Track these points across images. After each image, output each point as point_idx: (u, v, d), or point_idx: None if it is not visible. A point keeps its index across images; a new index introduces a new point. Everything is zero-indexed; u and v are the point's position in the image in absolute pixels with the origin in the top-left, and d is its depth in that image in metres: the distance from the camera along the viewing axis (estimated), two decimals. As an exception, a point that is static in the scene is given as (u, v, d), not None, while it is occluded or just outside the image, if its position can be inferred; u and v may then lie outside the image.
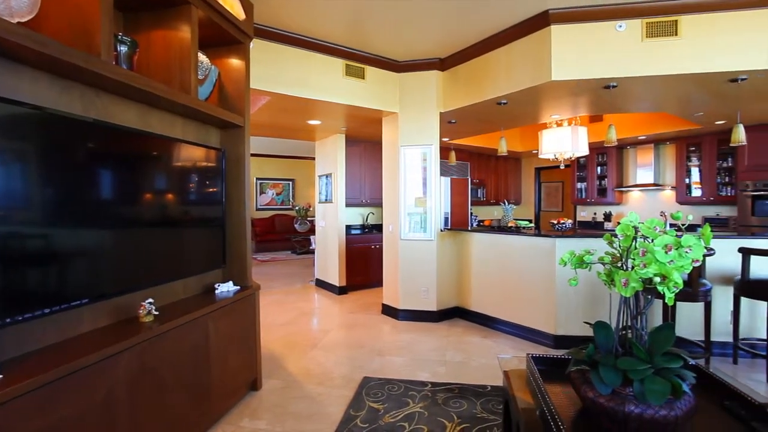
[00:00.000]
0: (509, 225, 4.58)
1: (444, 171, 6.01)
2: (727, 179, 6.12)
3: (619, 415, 1.40)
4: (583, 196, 7.89)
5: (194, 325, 2.32)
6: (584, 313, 3.76)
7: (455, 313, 4.93)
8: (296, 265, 9.33)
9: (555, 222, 4.39)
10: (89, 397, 1.66)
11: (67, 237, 1.78)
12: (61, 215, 1.75)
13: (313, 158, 7.30)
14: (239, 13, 2.76)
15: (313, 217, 7.56)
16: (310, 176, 12.15)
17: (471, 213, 6.74)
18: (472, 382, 3.10)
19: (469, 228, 5.10)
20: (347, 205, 6.48)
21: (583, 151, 4.91)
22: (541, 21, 3.53)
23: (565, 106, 4.53)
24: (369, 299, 5.89)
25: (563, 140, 4.81)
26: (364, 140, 6.61)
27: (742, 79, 3.50)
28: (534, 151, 7.68)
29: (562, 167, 5.40)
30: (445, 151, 5.81)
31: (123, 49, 2.04)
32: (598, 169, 7.62)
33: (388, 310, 5.03)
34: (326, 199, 6.67)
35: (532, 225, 4.75)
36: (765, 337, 3.19)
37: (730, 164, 6.04)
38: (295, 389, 3.05)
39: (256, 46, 3.64)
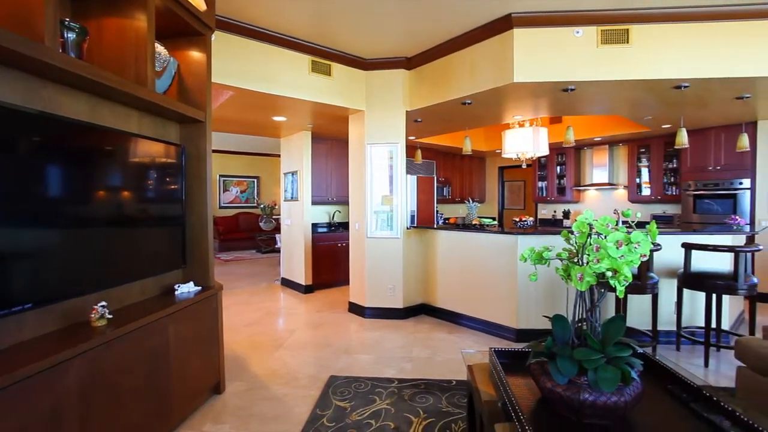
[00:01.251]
0: (473, 223, 4.69)
1: (410, 169, 6.06)
2: (672, 179, 6.55)
3: (575, 402, 1.47)
4: (544, 195, 8.20)
5: (152, 329, 2.22)
6: (545, 308, 3.91)
7: (421, 310, 5.00)
8: (261, 264, 9.14)
9: (517, 219, 4.54)
10: (34, 409, 1.56)
11: (8, 237, 1.66)
12: (1, 214, 1.63)
13: (279, 155, 7.15)
14: (200, 3, 2.66)
15: (279, 215, 7.42)
16: (275, 173, 11.92)
17: (437, 211, 6.84)
18: (437, 378, 3.16)
19: (435, 226, 5.18)
20: (313, 203, 6.41)
21: (544, 151, 5.10)
22: (504, 24, 3.63)
23: (526, 108, 4.68)
24: (336, 298, 5.86)
25: (525, 140, 4.98)
26: (331, 138, 6.56)
27: (685, 87, 3.75)
28: (497, 151, 7.89)
29: (524, 166, 5.58)
30: (411, 149, 5.86)
31: (71, 36, 1.92)
32: (558, 168, 7.94)
33: (355, 308, 5.03)
34: (292, 197, 6.57)
35: (496, 222, 4.89)
36: (703, 325, 3.45)
37: (675, 165, 6.46)
38: (260, 391, 2.99)
39: (219, 39, 3.53)
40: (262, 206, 10.57)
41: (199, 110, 2.76)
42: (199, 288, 2.79)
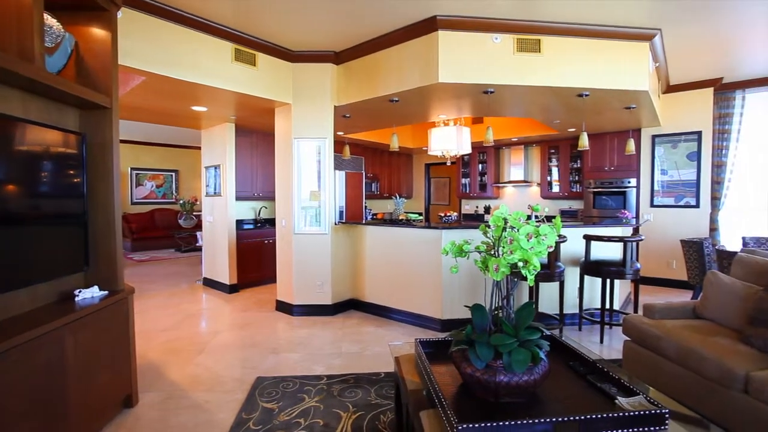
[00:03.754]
0: (400, 218, 4.81)
1: (338, 165, 6.03)
2: (577, 178, 7.29)
3: (492, 384, 1.59)
4: (467, 191, 8.66)
5: (42, 342, 1.95)
6: (467, 298, 4.14)
7: (351, 305, 5.02)
8: (181, 263, 8.51)
9: (443, 215, 4.74)
10: None
11: None
12: None
13: (200, 148, 6.69)
14: (101, -24, 2.39)
15: (200, 211, 6.94)
16: (196, 167, 11.13)
17: (366, 206, 6.91)
18: (366, 371, 3.20)
19: (364, 221, 5.22)
20: (238, 199, 6.11)
21: (467, 149, 5.38)
22: (429, 26, 3.75)
23: (450, 107, 4.90)
24: (262, 296, 5.66)
25: (449, 139, 5.20)
26: (256, 131, 6.29)
27: (586, 95, 4.19)
28: (424, 148, 8.14)
29: (448, 164, 5.84)
30: (339, 144, 5.84)
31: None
32: (480, 166, 8.43)
33: (283, 307, 4.91)
34: (215, 193, 6.20)
35: (422, 218, 5.06)
36: (599, 306, 3.91)
37: (579, 165, 7.20)
38: (179, 400, 2.80)
39: (129, 17, 3.20)
40: (181, 202, 9.80)
41: (103, 95, 2.48)
42: (106, 292, 2.52)
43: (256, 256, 6.21)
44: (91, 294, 2.45)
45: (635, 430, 1.45)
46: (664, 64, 4.91)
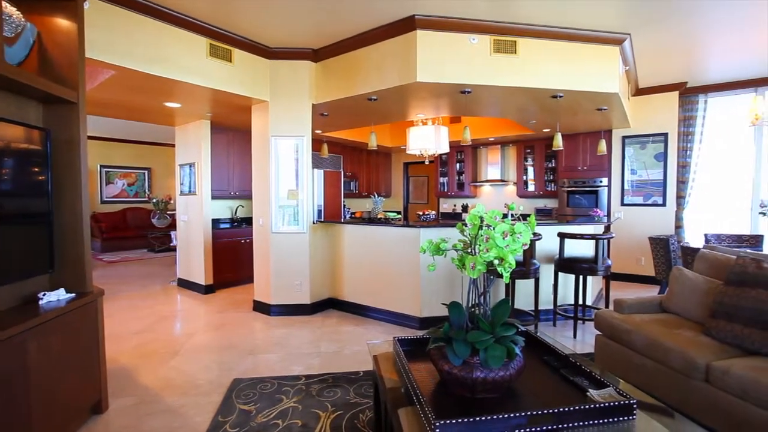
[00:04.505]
0: (379, 216, 4.81)
1: (317, 163, 5.99)
2: (551, 177, 7.47)
3: (469, 381, 1.61)
4: (445, 190, 8.74)
5: (3, 348, 1.86)
6: (445, 296, 4.19)
7: (329, 305, 4.99)
8: (155, 264, 8.27)
9: (421, 213, 4.78)
10: None
11: None
12: None
13: (174, 145, 6.50)
14: (67, -35, 2.29)
15: (174, 210, 6.76)
16: (170, 165, 10.83)
17: (344, 205, 6.89)
18: (345, 370, 3.19)
19: (342, 220, 5.20)
20: (214, 198, 5.98)
21: (445, 148, 5.43)
22: (408, 25, 3.76)
23: (429, 107, 4.93)
24: (239, 296, 5.57)
25: (428, 138, 5.24)
26: (233, 128, 6.17)
27: (560, 97, 4.30)
28: (402, 147, 8.17)
29: (427, 162, 5.88)
30: (317, 143, 5.80)
31: None
32: (457, 165, 8.52)
33: (260, 307, 4.84)
34: (189, 191, 6.05)
35: (400, 216, 5.08)
36: (573, 302, 4.02)
37: (553, 165, 7.38)
38: (152, 404, 2.72)
39: (99, 8, 3.09)
40: (154, 201, 9.53)
41: (69, 89, 2.38)
42: (72, 295, 2.43)
43: (232, 255, 6.10)
44: (56, 297, 2.35)
45: (605, 420, 1.50)
46: (633, 67, 5.08)
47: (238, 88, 4.24)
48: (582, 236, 3.97)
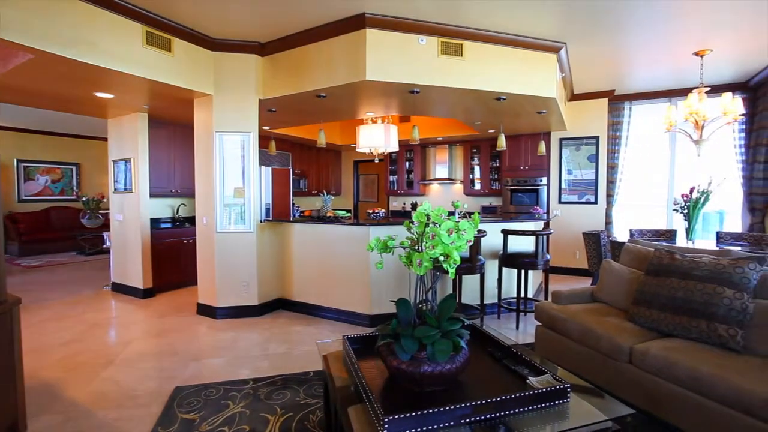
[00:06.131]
0: (328, 215, 4.77)
1: (264, 160, 5.82)
2: (496, 176, 7.80)
3: (416, 375, 1.65)
4: (395, 188, 8.85)
5: None
6: (394, 293, 4.24)
7: (278, 305, 4.88)
8: (85, 268, 7.62)
9: (371, 211, 4.79)
10: None
11: None
12: None
13: (106, 139, 6.01)
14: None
15: (108, 209, 6.25)
16: (102, 160, 10.00)
17: (293, 204, 6.75)
18: (295, 371, 3.14)
19: (291, 219, 5.10)
20: (153, 196, 5.62)
21: (394, 147, 5.49)
22: (358, 22, 3.75)
23: (378, 105, 4.96)
24: (182, 300, 5.28)
25: (377, 136, 5.27)
26: (174, 122, 5.83)
27: (503, 99, 4.50)
28: (352, 145, 8.15)
29: (376, 161, 5.92)
30: (265, 140, 5.63)
31: None
32: (407, 164, 8.65)
33: (205, 310, 4.62)
34: (125, 189, 5.63)
35: (350, 214, 5.07)
36: (516, 296, 4.24)
37: (498, 165, 7.71)
38: (81, 421, 2.51)
39: (7, -15, 2.77)
40: (84, 199, 8.75)
41: (-24, 75, 2.13)
42: (-16, 304, 2.17)
43: (174, 257, 5.77)
44: (-36, 307, 2.10)
45: (543, 404, 1.60)
46: (569, 74, 5.43)
47: (178, 80, 4.01)
48: (524, 233, 4.19)
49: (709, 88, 4.56)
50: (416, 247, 1.72)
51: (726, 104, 4.15)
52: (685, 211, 4.58)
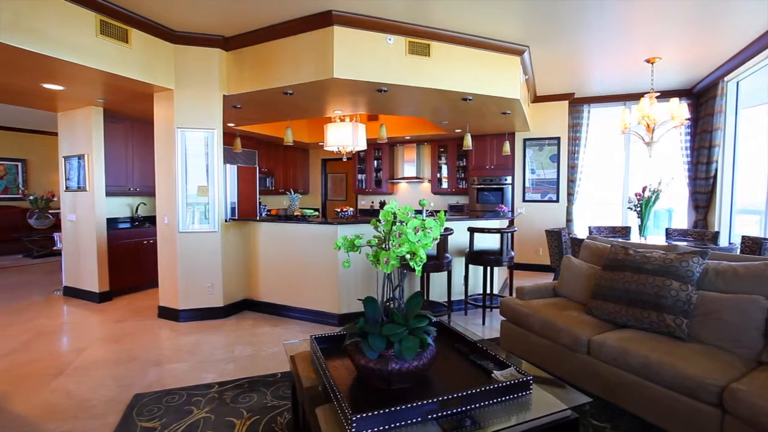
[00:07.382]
0: (295, 214, 4.71)
1: (229, 158, 5.68)
2: (463, 175, 7.95)
3: (384, 373, 1.66)
4: (363, 187, 8.84)
5: None
6: (363, 291, 4.24)
7: (245, 306, 4.77)
8: (33, 272, 7.14)
9: (339, 210, 4.77)
10: None
11: None
12: None
13: (56, 133, 5.65)
14: None
15: (59, 209, 5.88)
16: (51, 157, 9.38)
17: (260, 202, 6.62)
18: (262, 374, 3.08)
19: (258, 218, 4.99)
20: (109, 194, 5.33)
21: (362, 145, 5.49)
22: (325, 19, 3.71)
23: (346, 103, 4.93)
24: (142, 303, 5.06)
25: (345, 134, 5.25)
26: (132, 117, 5.56)
27: (469, 99, 4.59)
28: (320, 143, 8.09)
29: (344, 159, 5.89)
30: (230, 137, 5.48)
31: None
32: (375, 162, 8.67)
33: (167, 313, 4.45)
34: (78, 187, 5.31)
35: (318, 213, 5.02)
36: (481, 292, 4.35)
37: (464, 164, 7.86)
38: (30, 432, 2.36)
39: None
40: (32, 198, 8.22)
41: None
42: None
43: (133, 258, 5.52)
44: None
45: (507, 397, 1.65)
46: (532, 76, 5.61)
47: (135, 73, 3.83)
48: (489, 230, 4.29)
49: (659, 94, 4.85)
50: (383, 246, 1.73)
51: (673, 109, 4.42)
52: (638, 209, 4.84)
